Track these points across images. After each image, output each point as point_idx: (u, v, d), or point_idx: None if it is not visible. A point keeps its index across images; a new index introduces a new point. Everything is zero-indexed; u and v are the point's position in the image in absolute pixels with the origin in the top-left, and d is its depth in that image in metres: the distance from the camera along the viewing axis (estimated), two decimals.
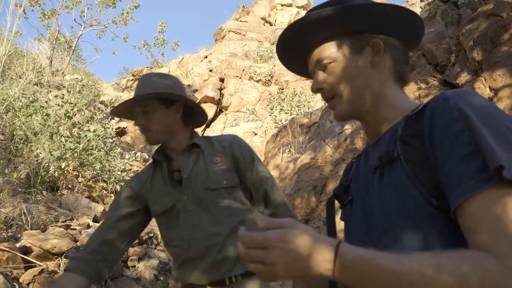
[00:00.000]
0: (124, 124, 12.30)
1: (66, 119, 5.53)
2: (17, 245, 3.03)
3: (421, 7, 6.42)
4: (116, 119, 7.30)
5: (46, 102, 6.00)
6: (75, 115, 6.77)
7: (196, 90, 11.91)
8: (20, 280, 2.75)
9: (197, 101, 11.23)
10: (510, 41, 3.00)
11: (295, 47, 0.95)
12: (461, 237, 0.63)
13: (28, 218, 3.53)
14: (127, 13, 15.06)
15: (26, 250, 3.05)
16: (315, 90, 0.91)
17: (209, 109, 11.24)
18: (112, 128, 6.95)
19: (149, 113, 1.49)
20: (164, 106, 1.51)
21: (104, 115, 8.02)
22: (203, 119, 1.65)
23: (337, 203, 0.99)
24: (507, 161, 0.57)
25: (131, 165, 6.25)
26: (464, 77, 3.45)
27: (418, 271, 0.55)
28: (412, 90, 3.97)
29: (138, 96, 1.47)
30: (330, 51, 0.88)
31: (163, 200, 1.53)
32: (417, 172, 0.70)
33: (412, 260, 0.57)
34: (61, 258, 3.06)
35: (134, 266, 3.80)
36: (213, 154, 1.55)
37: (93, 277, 1.44)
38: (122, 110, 1.58)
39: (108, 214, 1.60)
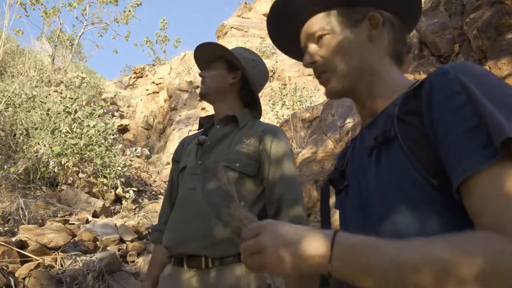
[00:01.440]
0: (126, 121, 12.30)
1: (66, 114, 5.50)
2: (13, 239, 3.00)
3: (426, 1, 6.33)
4: (117, 114, 7.26)
5: (46, 97, 5.97)
6: (76, 111, 6.75)
7: (197, 87, 11.87)
8: (16, 275, 2.72)
9: (198, 98, 11.20)
10: None
11: (288, 19, 0.89)
12: (463, 219, 0.58)
13: (26, 213, 3.50)
14: (129, 11, 15.05)
15: (22, 245, 3.02)
16: (307, 63, 0.86)
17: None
18: (114, 124, 6.91)
19: (212, 69, 1.60)
20: (226, 68, 1.59)
21: (105, 111, 7.99)
22: (259, 106, 1.66)
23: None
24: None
25: (131, 160, 6.22)
26: None
27: (422, 257, 0.51)
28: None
29: (213, 42, 1.60)
30: (325, 22, 0.83)
31: (185, 158, 1.57)
32: (416, 151, 0.65)
33: (415, 245, 0.53)
34: (58, 253, 3.02)
35: (134, 261, 3.76)
36: (247, 135, 1.49)
37: None
38: (202, 56, 1.67)
39: (168, 179, 1.69)
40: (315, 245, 0.58)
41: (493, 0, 3.24)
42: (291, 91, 9.22)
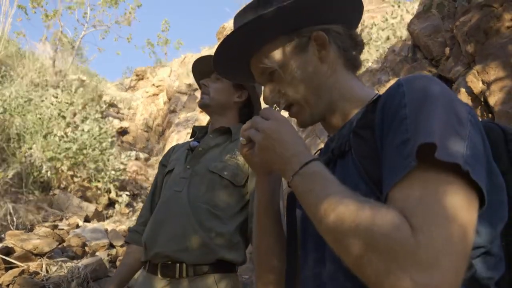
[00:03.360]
0: (126, 123, 12.32)
1: (60, 118, 5.51)
2: None
3: (420, 3, 6.29)
4: (111, 119, 7.27)
5: (42, 101, 5.98)
6: (75, 114, 6.75)
7: (196, 89, 11.87)
8: (0, 281, 2.71)
9: (196, 100, 11.20)
10: (503, 32, 2.88)
11: (235, 57, 0.86)
12: None
13: (14, 218, 3.50)
14: (130, 13, 15.09)
15: (8, 251, 3.01)
16: (270, 105, 0.83)
17: None
18: (113, 128, 6.92)
19: (217, 81, 1.58)
20: (233, 85, 1.58)
21: (105, 115, 8.00)
22: None
23: None
24: (439, 141, 0.51)
25: (125, 164, 6.22)
26: (457, 71, 3.34)
27: (338, 206, 0.55)
28: None
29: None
30: (272, 57, 0.80)
31: (173, 162, 1.58)
32: (367, 166, 0.65)
33: (344, 195, 0.57)
34: (43, 259, 3.01)
35: None
36: (238, 147, 1.52)
37: None
38: (203, 65, 1.64)
39: (153, 182, 1.70)
40: (295, 160, 0.66)
41: (482, 3, 3.20)
42: None
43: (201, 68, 1.65)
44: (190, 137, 1.70)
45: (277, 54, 0.80)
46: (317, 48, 0.79)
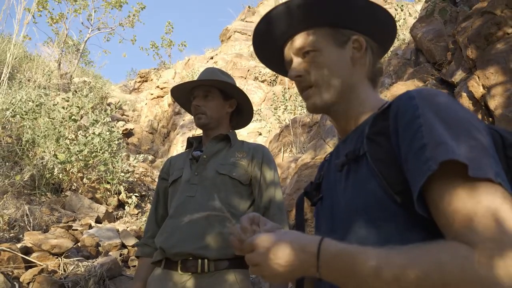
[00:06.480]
0: (131, 125, 12.45)
1: (72, 122, 5.63)
2: (18, 245, 3.12)
3: (423, 8, 6.37)
4: (121, 123, 7.37)
5: (54, 105, 6.11)
6: (82, 117, 6.87)
7: None
8: (21, 280, 2.83)
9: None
10: (503, 38, 2.98)
11: (274, 35, 0.94)
12: (424, 236, 0.63)
13: (31, 219, 3.62)
14: (134, 15, 15.23)
15: (27, 250, 3.13)
16: (293, 76, 0.90)
17: None
18: (119, 130, 7.04)
19: (208, 99, 1.67)
20: (222, 97, 1.69)
21: (110, 119, 8.12)
22: (245, 123, 1.83)
23: None
24: (458, 154, 0.58)
25: (134, 166, 6.34)
26: (459, 75, 3.44)
27: (398, 264, 0.56)
28: (409, 88, 3.96)
29: (208, 80, 1.65)
30: (313, 39, 0.88)
31: (176, 172, 1.66)
32: (382, 170, 0.70)
33: (392, 253, 0.58)
34: (61, 258, 3.13)
35: (135, 266, 3.86)
36: (238, 150, 1.66)
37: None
38: (182, 91, 1.73)
39: (154, 196, 1.79)
40: (304, 257, 0.63)
41: (483, 10, 3.30)
42: (293, 96, 9.28)
43: (181, 94, 1.76)
44: (186, 148, 1.81)
45: (318, 39, 0.88)
46: (353, 49, 0.88)
